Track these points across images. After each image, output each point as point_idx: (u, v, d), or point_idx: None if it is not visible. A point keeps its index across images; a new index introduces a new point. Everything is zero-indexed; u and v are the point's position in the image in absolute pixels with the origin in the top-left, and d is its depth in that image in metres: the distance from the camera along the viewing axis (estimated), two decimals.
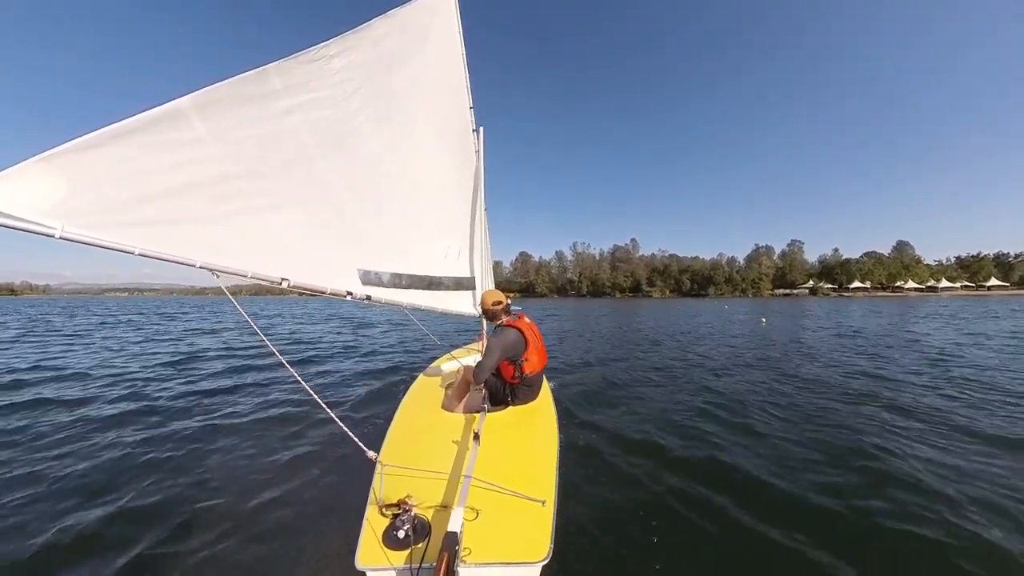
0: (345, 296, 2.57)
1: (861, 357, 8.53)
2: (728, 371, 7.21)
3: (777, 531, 2.42)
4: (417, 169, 3.48)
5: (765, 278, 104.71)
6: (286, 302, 30.29)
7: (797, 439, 3.84)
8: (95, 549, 2.29)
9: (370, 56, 2.82)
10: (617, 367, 7.64)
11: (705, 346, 10.66)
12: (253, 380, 6.37)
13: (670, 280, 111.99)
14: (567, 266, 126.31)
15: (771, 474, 3.13)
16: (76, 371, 7.18)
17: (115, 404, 5.13)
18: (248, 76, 2.07)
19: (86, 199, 1.52)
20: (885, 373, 6.83)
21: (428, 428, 2.64)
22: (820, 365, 7.68)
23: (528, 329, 2.87)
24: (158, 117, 1.72)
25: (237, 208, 2.09)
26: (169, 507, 2.68)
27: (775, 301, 54.11)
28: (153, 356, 8.99)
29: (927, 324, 16.18)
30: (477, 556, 1.50)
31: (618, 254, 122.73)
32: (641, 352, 9.66)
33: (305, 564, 2.16)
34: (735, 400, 5.20)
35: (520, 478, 1.97)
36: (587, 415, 4.55)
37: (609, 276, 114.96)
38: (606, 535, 2.40)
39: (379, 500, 1.79)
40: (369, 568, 1.52)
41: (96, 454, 3.53)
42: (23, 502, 2.77)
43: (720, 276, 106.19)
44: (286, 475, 3.07)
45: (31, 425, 4.26)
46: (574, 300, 75.75)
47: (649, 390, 5.84)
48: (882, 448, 3.57)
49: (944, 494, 2.82)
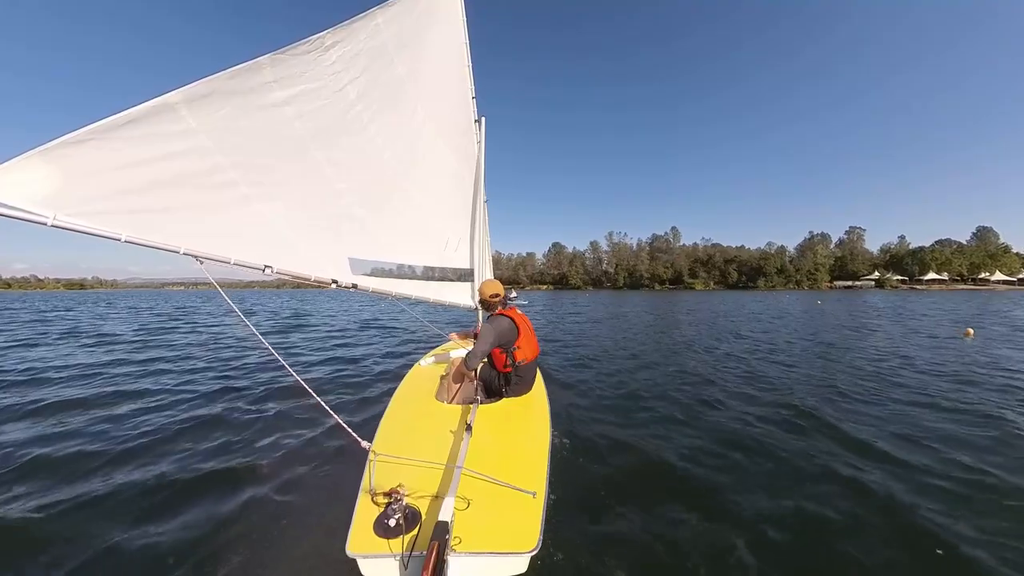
0: (330, 284, 2.64)
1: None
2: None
3: (772, 529, 2.38)
4: (416, 159, 3.48)
5: (822, 269, 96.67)
6: (334, 296, 30.24)
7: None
8: (99, 541, 2.30)
9: (368, 46, 2.83)
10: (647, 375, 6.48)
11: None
12: (247, 372, 6.39)
13: (714, 271, 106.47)
14: (602, 257, 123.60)
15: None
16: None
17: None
18: (241, 68, 2.13)
19: (77, 190, 1.64)
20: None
21: (421, 418, 2.67)
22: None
23: (520, 319, 2.95)
24: (148, 110, 1.80)
25: (227, 198, 2.19)
26: (160, 496, 2.73)
27: (840, 295, 49.12)
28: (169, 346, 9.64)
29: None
30: (467, 545, 1.52)
31: (657, 244, 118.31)
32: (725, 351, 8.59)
33: (296, 551, 2.20)
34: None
35: (512, 469, 1.98)
36: (592, 414, 4.43)
37: (647, 267, 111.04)
38: (595, 527, 2.39)
39: (371, 489, 1.82)
40: (359, 555, 1.55)
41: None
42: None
43: (771, 267, 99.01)
44: (278, 465, 3.10)
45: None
46: (609, 293, 73.64)
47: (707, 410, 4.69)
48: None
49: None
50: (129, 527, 2.42)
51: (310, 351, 8.85)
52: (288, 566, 2.10)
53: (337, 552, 1.59)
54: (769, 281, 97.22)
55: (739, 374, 6.40)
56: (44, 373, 6.41)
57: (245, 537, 2.30)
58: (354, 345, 9.55)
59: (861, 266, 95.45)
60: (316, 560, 2.11)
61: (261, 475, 2.96)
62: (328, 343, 9.91)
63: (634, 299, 36.80)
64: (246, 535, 2.31)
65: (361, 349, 8.93)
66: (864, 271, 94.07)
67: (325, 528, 2.31)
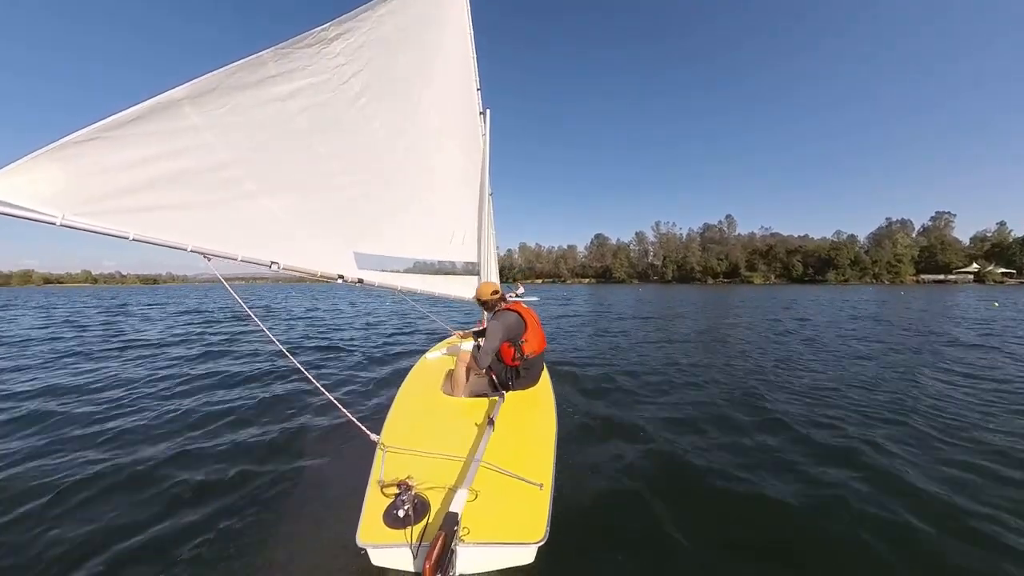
0: (336, 279, 2.65)
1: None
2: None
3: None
4: (421, 153, 3.43)
5: (905, 260, 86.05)
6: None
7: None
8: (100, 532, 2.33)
9: (371, 38, 2.78)
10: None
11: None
12: (258, 368, 6.35)
13: (775, 263, 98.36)
14: (649, 249, 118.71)
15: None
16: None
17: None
18: (243, 63, 2.12)
19: (84, 189, 1.70)
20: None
21: (428, 411, 2.70)
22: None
23: (526, 312, 2.96)
24: (152, 108, 1.83)
25: (232, 194, 2.22)
26: (171, 485, 2.77)
27: (934, 291, 41.58)
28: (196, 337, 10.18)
29: None
30: (475, 536, 1.54)
31: (709, 234, 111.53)
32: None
33: (308, 541, 2.24)
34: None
35: (519, 461, 2.00)
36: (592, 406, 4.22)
37: (699, 259, 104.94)
38: (603, 519, 2.40)
39: (380, 480, 1.84)
40: (369, 545, 1.57)
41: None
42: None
43: (843, 258, 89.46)
44: (289, 457, 3.14)
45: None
46: (656, 287, 70.12)
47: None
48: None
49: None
50: (141, 516, 2.47)
51: (314, 344, 8.75)
52: (300, 556, 2.14)
53: (348, 542, 1.61)
54: (841, 274, 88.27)
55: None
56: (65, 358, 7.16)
57: (256, 528, 2.33)
58: (361, 339, 9.41)
59: (955, 257, 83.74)
60: (327, 550, 2.14)
61: (271, 467, 3.00)
62: (333, 338, 9.66)
63: (688, 295, 34.03)
64: (257, 526, 2.34)
65: (367, 343, 8.78)
66: (958, 263, 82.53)
67: (335, 519, 2.34)
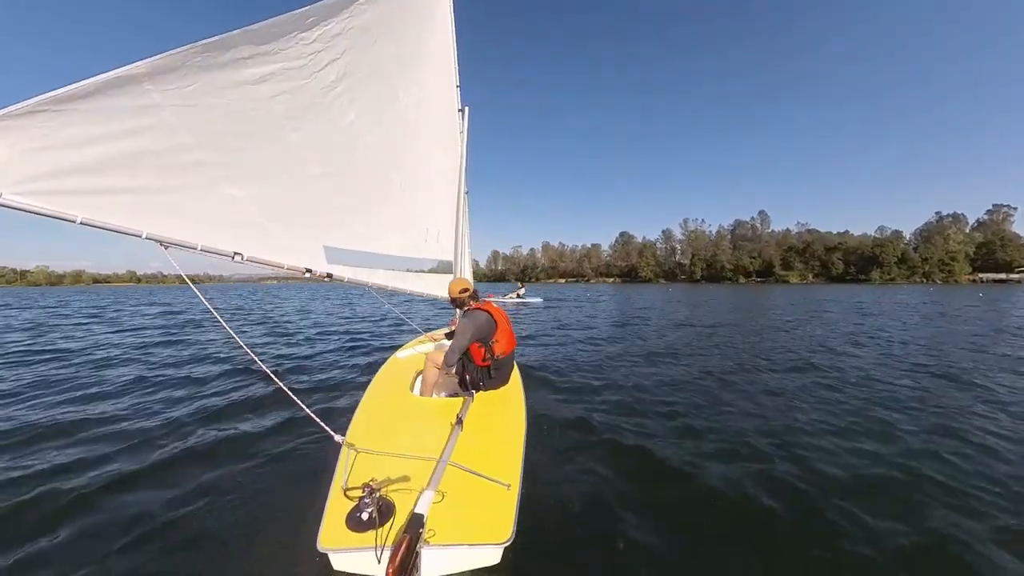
0: (304, 273, 2.56)
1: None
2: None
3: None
4: (398, 147, 3.34)
5: (960, 257, 79.48)
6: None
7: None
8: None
9: (350, 25, 2.68)
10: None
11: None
12: (218, 367, 6.03)
13: (813, 262, 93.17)
14: (676, 247, 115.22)
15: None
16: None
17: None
18: (213, 41, 2.01)
19: (27, 167, 1.60)
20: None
21: (396, 412, 2.63)
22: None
23: (496, 312, 2.93)
24: (110, 82, 1.72)
25: (195, 180, 2.13)
26: (127, 490, 2.63)
27: (997, 290, 36.95)
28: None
29: None
30: (441, 537, 1.51)
31: (740, 231, 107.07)
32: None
33: (266, 546, 2.10)
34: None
35: (487, 462, 1.97)
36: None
37: (730, 257, 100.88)
38: (569, 518, 2.34)
39: (344, 483, 1.79)
40: (331, 550, 1.51)
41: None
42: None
43: (889, 255, 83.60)
44: (247, 460, 2.96)
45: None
46: (684, 287, 66.71)
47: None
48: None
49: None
50: (86, 521, 2.31)
51: (279, 343, 8.48)
52: (257, 563, 2.02)
53: (308, 547, 1.55)
54: (887, 273, 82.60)
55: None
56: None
57: (211, 533, 2.19)
58: (326, 337, 9.07)
59: (1015, 254, 76.72)
60: (286, 556, 2.02)
61: (228, 470, 2.83)
62: (297, 337, 9.29)
63: (719, 295, 31.67)
64: (212, 531, 2.21)
65: (333, 342, 8.45)
66: (1020, 260, 75.57)
67: (295, 523, 2.21)
